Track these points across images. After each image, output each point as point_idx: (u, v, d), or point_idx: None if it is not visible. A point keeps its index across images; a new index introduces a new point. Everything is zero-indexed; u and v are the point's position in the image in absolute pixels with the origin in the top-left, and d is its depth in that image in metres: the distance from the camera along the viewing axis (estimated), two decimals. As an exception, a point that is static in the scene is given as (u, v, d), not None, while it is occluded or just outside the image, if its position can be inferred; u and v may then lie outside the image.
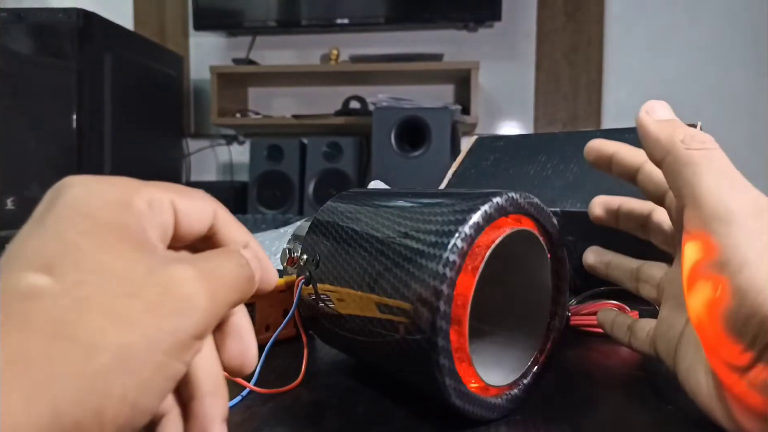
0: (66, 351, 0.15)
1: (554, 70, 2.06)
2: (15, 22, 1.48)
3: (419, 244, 0.25)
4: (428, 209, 0.27)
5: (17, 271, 0.16)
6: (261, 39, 2.15)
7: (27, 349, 0.15)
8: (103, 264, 0.17)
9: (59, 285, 0.16)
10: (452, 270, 0.23)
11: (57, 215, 0.18)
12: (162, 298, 0.17)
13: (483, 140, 0.55)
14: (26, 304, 0.15)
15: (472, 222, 0.24)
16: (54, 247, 0.17)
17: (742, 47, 1.97)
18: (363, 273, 0.27)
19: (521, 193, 0.27)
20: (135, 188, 0.19)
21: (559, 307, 0.30)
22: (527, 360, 0.29)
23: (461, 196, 0.27)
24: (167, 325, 0.16)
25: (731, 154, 0.25)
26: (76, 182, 0.19)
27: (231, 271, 0.19)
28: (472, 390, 0.26)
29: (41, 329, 0.15)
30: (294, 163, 1.85)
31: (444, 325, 0.23)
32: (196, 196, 0.21)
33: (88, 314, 0.16)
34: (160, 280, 0.17)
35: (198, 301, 0.17)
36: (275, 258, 0.69)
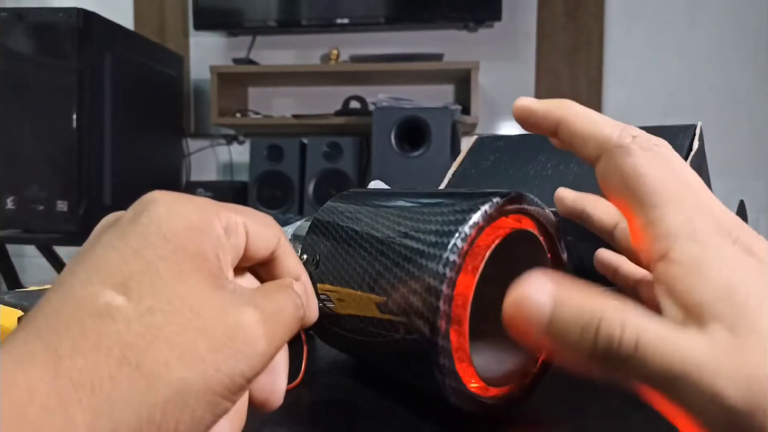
0: (131, 378, 0.15)
1: (554, 70, 2.06)
2: (15, 22, 1.48)
3: (419, 244, 0.25)
4: (428, 209, 0.27)
5: (96, 284, 0.17)
6: (261, 39, 2.15)
7: (95, 371, 0.15)
8: (178, 294, 0.17)
9: (133, 308, 0.16)
10: (452, 270, 0.23)
11: (140, 233, 0.18)
12: (227, 340, 0.17)
13: (483, 140, 0.55)
14: (101, 323, 0.16)
15: (472, 222, 0.24)
16: (133, 267, 0.17)
17: (742, 47, 1.97)
18: (363, 273, 0.27)
19: (521, 192, 0.26)
20: (214, 211, 0.20)
21: None
22: (528, 360, 0.28)
23: (461, 195, 0.27)
24: (227, 366, 0.17)
25: (732, 154, 0.25)
26: (161, 200, 0.19)
27: (289, 314, 0.20)
28: (472, 390, 0.26)
29: (111, 353, 0.16)
30: (294, 163, 1.85)
31: (444, 325, 0.23)
32: (266, 222, 0.22)
33: (157, 344, 0.16)
34: (228, 320, 0.17)
35: (259, 346, 0.18)
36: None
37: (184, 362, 0.16)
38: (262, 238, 0.21)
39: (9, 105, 1.48)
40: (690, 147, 0.40)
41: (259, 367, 0.18)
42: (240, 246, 0.20)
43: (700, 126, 0.41)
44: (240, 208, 0.21)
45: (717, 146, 0.77)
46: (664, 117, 1.97)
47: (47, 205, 1.47)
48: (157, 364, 0.16)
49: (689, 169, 0.22)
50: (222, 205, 0.20)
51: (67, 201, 1.47)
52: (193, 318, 0.17)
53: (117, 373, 0.15)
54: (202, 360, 0.16)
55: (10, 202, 1.48)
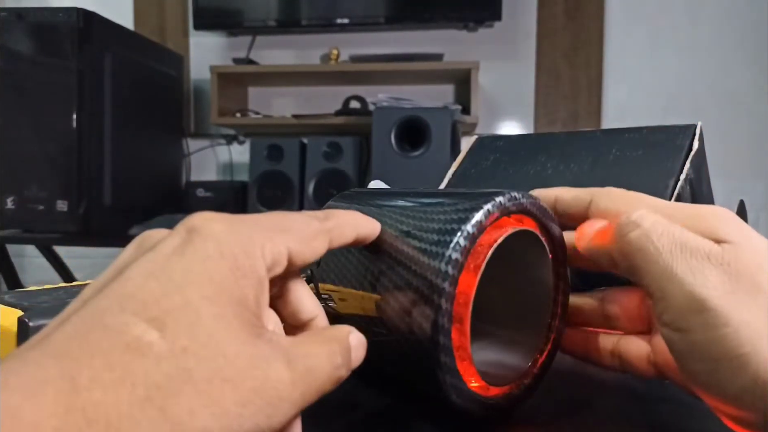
0: (153, 422, 0.15)
1: (554, 70, 2.06)
2: (15, 21, 1.48)
3: (421, 243, 0.25)
4: (431, 208, 0.27)
5: (129, 313, 0.16)
6: (261, 39, 2.15)
7: (114, 407, 0.14)
8: (216, 339, 0.16)
9: (168, 346, 0.16)
10: (455, 268, 0.24)
11: (185, 269, 0.17)
12: (255, 395, 0.16)
13: (483, 140, 0.55)
14: (129, 357, 0.15)
15: (475, 221, 0.24)
16: (173, 303, 0.16)
17: (743, 47, 1.97)
18: (365, 272, 0.27)
19: (523, 192, 0.26)
20: (260, 246, 0.19)
21: (560, 308, 0.29)
22: (528, 360, 0.28)
23: (464, 195, 0.27)
24: (249, 422, 0.16)
25: (732, 154, 0.25)
26: (210, 232, 0.18)
27: (325, 374, 0.19)
28: (473, 389, 0.26)
29: (136, 391, 0.15)
30: (294, 163, 1.85)
31: (446, 323, 0.23)
32: (312, 234, 0.21)
33: (185, 388, 0.15)
34: (259, 374, 0.17)
35: (285, 407, 0.17)
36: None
37: (210, 412, 0.15)
38: (305, 255, 0.21)
39: (9, 105, 1.48)
40: (690, 147, 0.40)
41: (279, 426, 0.17)
42: (279, 273, 0.20)
43: (700, 126, 0.41)
44: (285, 226, 0.20)
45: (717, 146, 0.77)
46: (664, 117, 1.97)
47: (47, 205, 1.47)
48: (183, 410, 0.15)
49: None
50: (267, 231, 0.20)
51: (67, 201, 1.47)
52: (226, 367, 0.16)
53: (139, 414, 0.14)
54: (227, 413, 0.16)
55: (10, 202, 1.48)
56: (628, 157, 0.42)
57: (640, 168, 0.40)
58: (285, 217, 0.21)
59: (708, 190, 0.44)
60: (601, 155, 0.44)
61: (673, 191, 0.37)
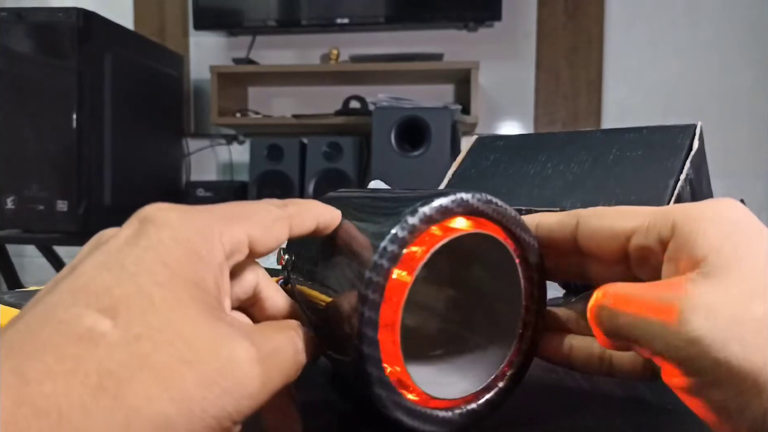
0: (106, 410, 0.14)
1: (554, 69, 2.06)
2: (15, 21, 1.48)
3: (358, 246, 0.24)
4: (378, 210, 0.26)
5: (81, 305, 0.16)
6: (261, 39, 2.15)
7: (66, 398, 0.14)
8: (172, 323, 0.16)
9: (120, 334, 0.15)
10: (379, 275, 0.22)
11: (138, 257, 0.17)
12: (218, 376, 0.16)
13: (483, 140, 0.55)
14: (80, 347, 0.15)
15: (402, 226, 0.23)
16: (126, 291, 0.16)
17: (743, 47, 1.97)
18: (321, 273, 0.26)
19: (477, 193, 0.25)
20: (218, 233, 0.19)
21: (534, 317, 0.27)
22: (492, 372, 0.26)
23: (406, 198, 0.25)
24: (214, 407, 0.16)
25: (732, 154, 0.25)
26: (163, 221, 0.18)
27: (288, 357, 0.19)
28: (412, 402, 0.24)
29: (88, 380, 0.14)
30: (294, 163, 1.85)
31: (369, 332, 0.22)
32: (272, 218, 0.21)
33: (141, 374, 0.15)
34: (221, 354, 0.16)
35: (250, 387, 0.17)
36: (275, 256, 0.69)
37: (169, 396, 0.15)
38: (266, 241, 0.21)
39: (9, 105, 1.48)
40: (690, 147, 0.40)
41: (247, 411, 0.17)
42: (240, 260, 0.20)
43: (700, 126, 0.41)
44: (244, 213, 0.20)
45: (717, 146, 0.77)
46: (664, 117, 1.97)
47: (47, 205, 1.47)
48: (139, 396, 0.14)
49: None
50: (226, 218, 0.19)
51: (67, 201, 1.47)
52: (185, 350, 0.16)
53: (91, 403, 0.14)
54: (188, 397, 0.15)
55: (10, 202, 1.48)
56: (628, 157, 0.42)
57: (640, 168, 0.40)
58: (244, 205, 0.21)
59: (708, 190, 0.44)
60: (601, 155, 0.44)
61: (673, 191, 0.37)
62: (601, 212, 0.26)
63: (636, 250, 0.24)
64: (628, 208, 0.25)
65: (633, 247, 0.24)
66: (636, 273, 0.25)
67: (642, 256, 0.24)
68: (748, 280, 0.20)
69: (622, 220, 0.24)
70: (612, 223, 0.25)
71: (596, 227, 0.25)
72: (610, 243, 0.25)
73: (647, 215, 0.24)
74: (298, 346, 0.20)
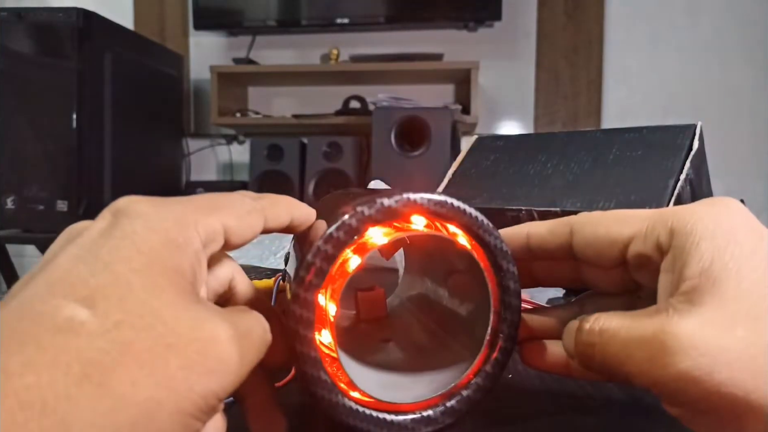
0: (92, 398, 0.14)
1: (554, 70, 2.06)
2: (15, 21, 1.48)
3: (309, 245, 0.24)
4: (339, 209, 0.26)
5: (59, 297, 0.16)
6: (261, 39, 2.15)
7: (49, 389, 0.14)
8: (151, 308, 0.16)
9: (99, 322, 0.15)
10: (309, 272, 0.23)
11: (113, 247, 0.17)
12: (199, 357, 0.16)
13: (483, 140, 0.55)
14: (60, 338, 0.15)
15: (327, 234, 0.23)
16: (102, 280, 0.16)
17: (743, 47, 1.97)
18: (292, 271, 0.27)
19: (430, 195, 0.24)
20: (193, 223, 0.19)
21: (506, 325, 0.26)
22: (453, 380, 0.26)
23: (358, 198, 0.25)
24: (199, 385, 0.16)
25: (732, 154, 0.25)
26: (136, 212, 0.18)
27: (259, 335, 0.19)
28: (356, 404, 0.24)
29: (71, 370, 0.14)
30: (294, 163, 1.85)
31: (301, 330, 0.22)
32: (246, 210, 0.21)
33: (124, 361, 0.15)
34: (201, 335, 0.17)
35: (231, 364, 0.17)
36: (276, 258, 0.69)
37: (154, 380, 0.15)
38: (242, 231, 0.21)
39: (9, 105, 1.48)
40: (690, 147, 0.40)
41: (230, 387, 0.17)
42: (216, 250, 0.20)
43: (700, 126, 0.41)
44: (219, 204, 0.20)
45: (717, 146, 0.77)
46: (664, 117, 1.97)
47: (47, 205, 1.47)
48: (123, 383, 0.15)
49: None
50: (201, 208, 0.20)
51: (67, 201, 1.47)
52: (166, 333, 0.16)
53: (76, 392, 0.14)
54: (173, 378, 0.15)
55: (10, 202, 1.48)
56: (628, 157, 0.42)
57: (640, 168, 0.40)
58: (218, 196, 0.21)
59: (708, 190, 0.44)
60: (601, 155, 0.44)
61: (673, 191, 0.37)
62: (596, 219, 0.25)
63: (634, 257, 0.24)
64: (623, 213, 0.25)
65: (631, 254, 0.24)
66: (634, 277, 0.25)
67: (640, 262, 0.24)
68: (734, 301, 0.20)
69: (619, 226, 0.24)
70: (608, 230, 0.24)
71: (592, 235, 0.25)
72: (608, 251, 0.24)
73: (644, 220, 0.23)
74: (266, 326, 0.20)
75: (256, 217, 0.22)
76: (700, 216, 0.22)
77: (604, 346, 0.22)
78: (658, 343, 0.20)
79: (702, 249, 0.21)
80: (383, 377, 0.27)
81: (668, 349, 0.19)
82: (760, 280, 0.20)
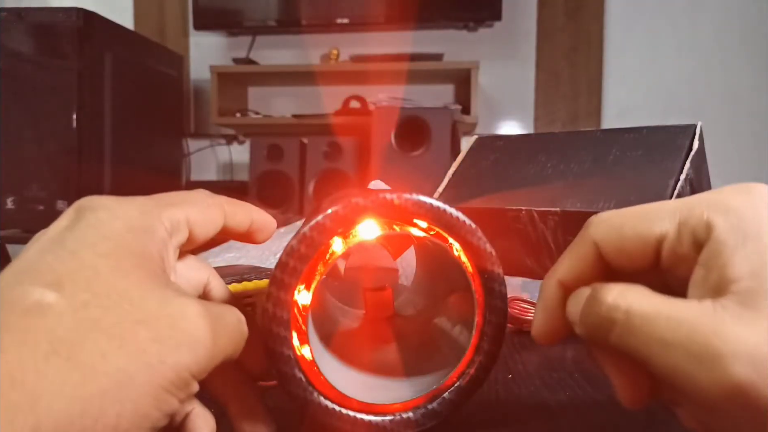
0: (61, 371, 0.14)
1: (554, 69, 2.06)
2: (15, 21, 1.48)
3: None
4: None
5: (26, 284, 0.16)
6: (261, 39, 2.15)
7: (18, 365, 0.14)
8: (117, 288, 0.16)
9: (66, 303, 0.15)
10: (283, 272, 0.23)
11: (78, 236, 0.17)
12: (170, 330, 0.16)
13: (483, 140, 0.55)
14: (28, 319, 0.15)
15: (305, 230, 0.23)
16: (69, 265, 0.16)
17: (743, 47, 1.97)
18: None
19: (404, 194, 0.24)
20: (157, 213, 0.19)
21: (490, 327, 0.26)
22: (435, 383, 0.25)
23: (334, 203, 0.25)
24: (171, 358, 0.16)
25: (732, 155, 0.24)
26: (99, 205, 0.18)
27: (231, 322, 0.20)
28: (331, 403, 0.24)
29: (39, 347, 0.14)
30: (294, 163, 1.85)
31: (276, 329, 0.23)
32: (207, 204, 0.22)
33: (92, 335, 0.15)
34: (171, 311, 0.17)
35: (203, 338, 0.17)
36: (276, 258, 0.69)
37: (125, 352, 0.15)
38: (205, 223, 0.21)
39: (9, 105, 1.48)
40: (690, 147, 0.40)
41: (203, 363, 0.17)
42: (182, 240, 0.21)
43: (700, 126, 0.41)
44: (180, 199, 0.21)
45: (717, 146, 0.77)
46: (664, 117, 1.97)
47: (47, 205, 1.47)
48: (93, 355, 0.15)
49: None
50: (163, 201, 0.20)
51: (67, 201, 1.47)
52: (134, 310, 0.16)
53: (44, 366, 0.14)
54: (143, 350, 0.16)
55: (10, 202, 1.48)
56: (628, 157, 0.42)
57: (640, 168, 0.40)
58: (179, 192, 0.22)
59: (708, 190, 0.44)
60: (601, 155, 0.44)
61: (673, 191, 0.37)
62: (619, 222, 0.22)
63: (670, 256, 0.21)
64: (644, 209, 0.22)
65: (666, 254, 0.21)
66: (666, 278, 0.22)
67: (677, 261, 0.21)
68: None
69: (647, 223, 0.21)
70: (635, 230, 0.22)
71: (619, 241, 0.22)
72: (640, 253, 0.22)
73: (672, 214, 0.21)
74: (240, 317, 0.20)
75: (216, 211, 0.22)
76: (739, 209, 0.20)
77: (630, 328, 0.19)
78: (709, 344, 0.17)
79: (749, 249, 0.19)
80: (371, 379, 0.27)
81: (722, 353, 0.17)
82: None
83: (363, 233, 0.25)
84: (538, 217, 0.41)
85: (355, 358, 0.27)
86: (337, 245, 0.25)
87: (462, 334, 0.26)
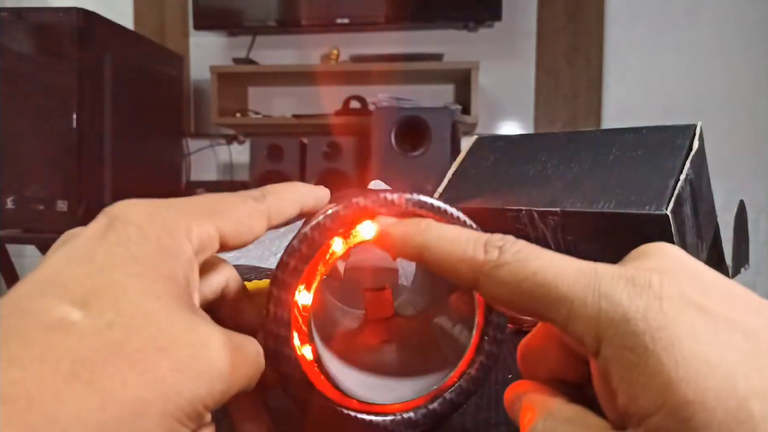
0: (80, 394, 0.14)
1: (554, 70, 2.06)
2: (15, 21, 1.48)
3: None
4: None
5: (51, 297, 0.15)
6: (261, 39, 2.15)
7: (35, 384, 0.14)
8: (145, 311, 0.16)
9: (91, 323, 0.15)
10: (284, 272, 0.23)
11: (108, 252, 0.17)
12: (191, 360, 0.16)
13: (483, 140, 0.55)
14: (50, 336, 0.15)
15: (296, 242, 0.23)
16: (97, 283, 0.16)
17: (743, 47, 1.97)
18: None
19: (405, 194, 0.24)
20: (186, 229, 0.19)
21: (491, 327, 0.26)
22: (439, 381, 0.25)
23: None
24: (188, 389, 0.16)
25: (732, 155, 0.24)
26: (130, 218, 0.18)
27: (253, 354, 0.19)
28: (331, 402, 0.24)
29: (60, 367, 0.14)
30: (294, 163, 1.85)
31: (276, 329, 0.23)
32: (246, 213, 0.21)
33: (115, 360, 0.15)
34: (195, 339, 0.17)
35: (223, 370, 0.17)
36: (276, 257, 0.69)
37: (144, 380, 0.15)
38: (239, 235, 0.21)
39: (9, 105, 1.48)
40: (690, 147, 0.40)
41: (218, 396, 0.17)
42: (211, 254, 0.20)
43: (700, 126, 0.41)
44: (214, 207, 0.20)
45: (717, 146, 0.77)
46: (664, 117, 1.97)
47: (47, 205, 1.47)
48: (114, 380, 0.14)
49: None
50: (195, 213, 0.19)
51: (67, 201, 1.47)
52: (159, 336, 0.16)
53: (64, 388, 0.14)
54: (162, 380, 0.15)
55: (10, 202, 1.48)
56: (628, 157, 0.42)
57: (640, 168, 0.40)
58: (217, 198, 0.21)
59: (708, 190, 0.44)
60: (601, 155, 0.44)
61: (673, 191, 0.37)
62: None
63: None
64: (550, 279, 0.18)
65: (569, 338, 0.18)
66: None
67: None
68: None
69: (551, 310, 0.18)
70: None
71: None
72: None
73: (569, 300, 0.18)
74: (260, 349, 0.20)
75: (257, 220, 0.21)
76: (634, 316, 0.16)
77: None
78: None
79: (657, 380, 0.15)
80: (371, 378, 0.27)
81: None
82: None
83: (363, 233, 0.25)
84: (538, 217, 0.41)
85: (355, 358, 0.27)
86: (338, 245, 0.25)
87: (462, 334, 0.26)
